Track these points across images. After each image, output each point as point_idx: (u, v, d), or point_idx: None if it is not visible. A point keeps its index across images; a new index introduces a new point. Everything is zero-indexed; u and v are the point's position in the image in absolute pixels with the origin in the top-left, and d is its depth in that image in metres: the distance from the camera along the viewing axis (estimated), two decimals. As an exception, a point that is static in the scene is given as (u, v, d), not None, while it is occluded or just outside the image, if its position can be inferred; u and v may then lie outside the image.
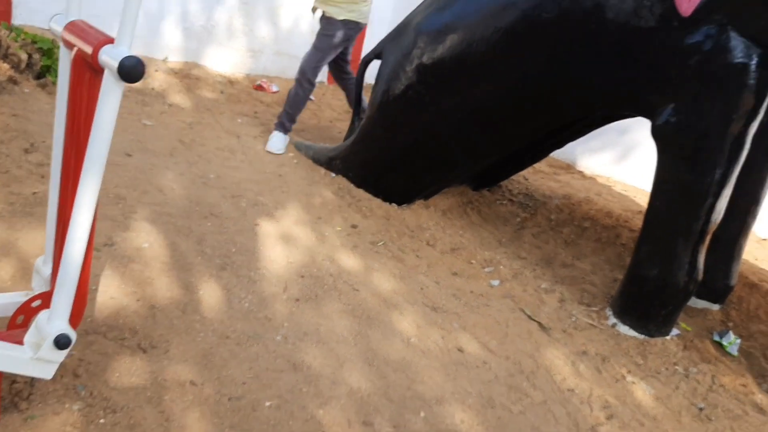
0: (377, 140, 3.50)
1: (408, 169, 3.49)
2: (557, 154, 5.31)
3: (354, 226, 3.14)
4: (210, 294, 2.23)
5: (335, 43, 3.84)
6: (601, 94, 2.89)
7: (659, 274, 2.75)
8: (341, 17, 3.77)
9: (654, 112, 2.71)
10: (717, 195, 2.63)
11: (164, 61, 4.82)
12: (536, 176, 4.68)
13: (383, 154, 3.49)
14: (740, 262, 3.17)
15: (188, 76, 4.74)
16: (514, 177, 4.34)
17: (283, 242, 2.73)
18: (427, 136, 3.33)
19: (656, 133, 2.71)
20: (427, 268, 2.98)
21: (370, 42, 5.97)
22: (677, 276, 2.73)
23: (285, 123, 3.87)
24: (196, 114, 4.10)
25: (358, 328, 2.30)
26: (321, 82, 6.11)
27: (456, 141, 3.29)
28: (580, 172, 5.18)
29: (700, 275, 2.77)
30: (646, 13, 2.61)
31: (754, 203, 3.08)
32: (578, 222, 3.82)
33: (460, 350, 2.35)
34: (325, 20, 3.82)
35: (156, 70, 4.54)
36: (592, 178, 5.06)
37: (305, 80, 3.85)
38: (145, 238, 2.42)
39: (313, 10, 3.93)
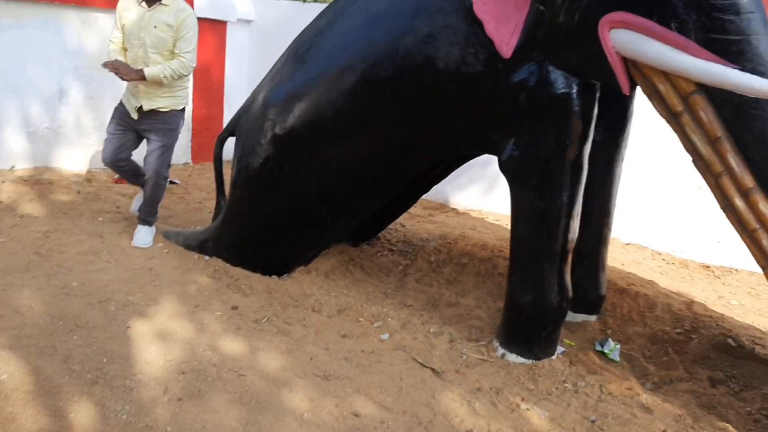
0: (245, 216, 3.47)
1: (281, 240, 3.47)
2: (430, 195, 5.47)
3: (234, 308, 3.06)
4: (83, 414, 2.09)
5: (179, 133, 3.75)
6: (448, 140, 3.03)
7: (533, 299, 2.88)
8: (180, 107, 3.68)
9: (498, 149, 2.87)
10: (569, 215, 2.81)
11: (11, 170, 4.57)
12: (413, 221, 4.80)
13: (254, 229, 3.46)
14: (606, 271, 3.38)
15: (39, 181, 4.51)
16: (391, 226, 4.42)
17: (159, 340, 2.61)
18: (293, 204, 3.34)
19: (503, 168, 2.88)
20: (315, 335, 2.94)
21: (229, 113, 5.99)
22: (550, 297, 2.86)
23: (148, 217, 3.74)
24: (52, 221, 3.89)
25: (248, 415, 2.22)
26: (186, 163, 6.02)
27: (323, 204, 3.32)
28: (454, 209, 5.37)
29: (570, 292, 2.93)
30: (473, 60, 2.78)
31: (606, 215, 3.31)
32: (457, 259, 3.94)
33: (356, 415, 2.32)
34: (162, 115, 3.61)
35: (2, 182, 4.28)
36: (465, 213, 5.25)
37: (161, 178, 3.71)
38: (4, 369, 2.24)
39: (138, 109, 3.58)
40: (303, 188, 3.28)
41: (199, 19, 3.76)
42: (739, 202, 2.41)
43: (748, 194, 2.37)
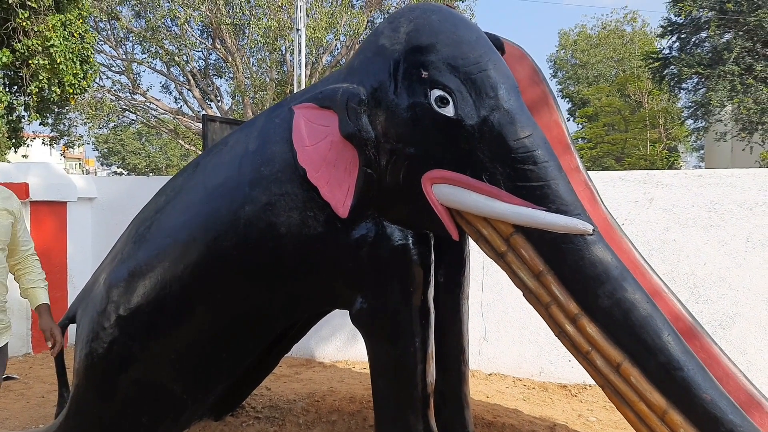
0: (92, 408, 3.21)
1: (136, 427, 3.22)
2: (294, 352, 5.39)
3: None
4: None
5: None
6: (299, 301, 3.06)
7: (403, 451, 2.85)
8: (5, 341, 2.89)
9: (348, 304, 2.94)
10: (424, 360, 2.89)
11: None
12: (279, 382, 4.66)
13: (102, 420, 3.19)
14: (470, 407, 3.44)
15: None
16: (255, 391, 4.26)
17: None
18: (145, 388, 3.15)
19: (355, 322, 2.94)
20: None
21: (73, 294, 5.67)
22: (419, 446, 2.85)
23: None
24: None
25: None
26: (27, 354, 5.53)
27: (177, 383, 3.16)
28: (321, 363, 5.31)
29: (437, 437, 2.94)
30: (313, 222, 2.91)
31: (461, 353, 3.41)
32: (326, 417, 3.84)
33: None
34: None
35: None
36: (332, 366, 5.20)
37: None
38: None
39: None
40: (154, 369, 3.12)
41: (35, 202, 3.63)
42: (569, 328, 2.62)
43: (576, 320, 2.59)
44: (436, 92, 2.64)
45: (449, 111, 2.63)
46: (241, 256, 2.99)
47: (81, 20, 12.00)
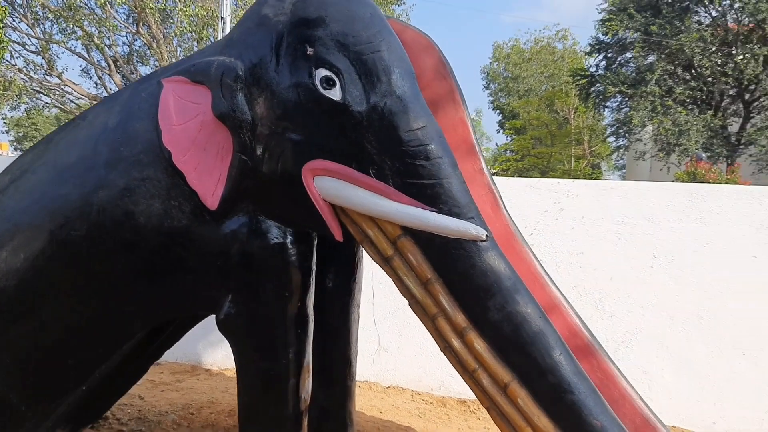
0: None
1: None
2: (179, 357, 4.98)
3: None
4: None
5: None
6: (161, 301, 2.69)
7: (268, 475, 2.53)
8: None
9: (215, 307, 2.59)
10: (298, 374, 2.58)
11: None
12: (155, 391, 4.23)
13: None
14: (354, 426, 3.14)
15: None
16: (125, 401, 3.83)
17: None
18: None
19: (222, 328, 2.60)
20: None
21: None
22: (286, 471, 2.53)
23: None
24: None
25: None
26: None
27: (14, 391, 2.75)
28: (207, 370, 4.89)
29: (310, 460, 2.63)
30: (177, 213, 2.54)
31: (348, 365, 3.12)
32: (199, 432, 3.46)
33: None
34: None
35: None
36: (219, 374, 4.80)
37: None
38: None
39: None
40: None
41: None
42: (456, 343, 2.36)
43: (464, 334, 2.33)
44: (322, 72, 2.34)
45: (335, 94, 2.33)
46: (92, 249, 2.59)
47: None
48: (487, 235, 2.30)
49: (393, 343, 4.51)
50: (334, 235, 2.50)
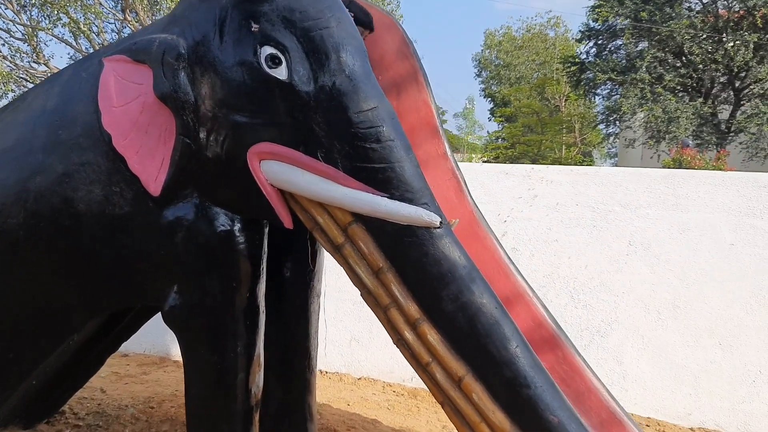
0: None
1: None
2: (147, 348, 4.87)
3: None
4: None
5: None
6: (103, 292, 2.57)
7: (216, 474, 2.42)
8: None
9: (160, 299, 2.48)
10: (247, 367, 2.47)
11: None
12: (119, 383, 4.12)
13: None
14: (314, 421, 3.04)
15: None
16: (84, 394, 3.72)
17: None
18: None
19: (167, 321, 2.47)
20: None
21: None
22: (235, 468, 2.43)
23: None
24: None
25: None
26: None
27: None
28: (176, 362, 4.78)
29: (261, 457, 2.52)
30: (119, 199, 2.42)
31: (307, 358, 3.01)
32: (156, 428, 3.36)
33: None
34: None
35: None
36: (188, 366, 4.68)
37: None
38: None
39: None
40: None
41: None
42: (409, 335, 2.25)
43: (416, 326, 2.22)
44: (267, 49, 2.21)
45: (281, 73, 2.20)
46: (30, 237, 2.47)
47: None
48: (441, 222, 2.19)
49: (364, 333, 4.41)
50: (284, 222, 2.38)
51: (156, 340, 4.49)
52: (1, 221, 2.47)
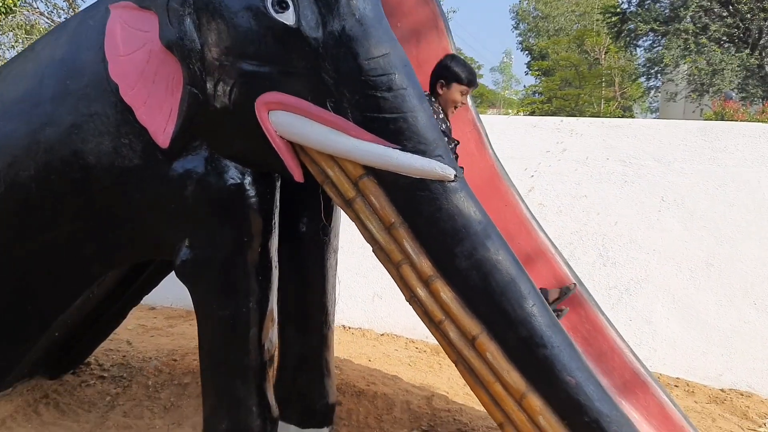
0: None
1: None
2: (175, 301, 4.93)
3: None
4: None
5: None
6: (116, 245, 2.55)
7: (230, 426, 2.43)
8: None
9: (172, 253, 2.45)
10: (260, 322, 2.44)
11: None
12: (145, 336, 4.17)
13: None
14: (333, 376, 3.02)
15: None
16: (110, 346, 3.78)
17: None
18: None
19: (179, 274, 2.46)
20: None
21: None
22: (248, 422, 2.44)
23: None
24: None
25: None
26: None
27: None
28: (201, 316, 4.83)
29: (275, 412, 2.52)
30: (128, 151, 2.37)
31: (324, 313, 2.97)
32: (179, 380, 3.39)
33: None
34: None
35: None
36: (213, 319, 4.73)
37: None
38: None
39: None
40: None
41: None
42: (421, 292, 2.18)
43: (429, 282, 2.15)
44: (274, -7, 2.10)
45: (288, 18, 2.10)
46: (42, 190, 2.45)
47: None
48: (455, 175, 2.09)
49: (387, 289, 4.35)
50: (294, 175, 2.30)
51: (182, 293, 4.50)
52: (12, 174, 2.45)
